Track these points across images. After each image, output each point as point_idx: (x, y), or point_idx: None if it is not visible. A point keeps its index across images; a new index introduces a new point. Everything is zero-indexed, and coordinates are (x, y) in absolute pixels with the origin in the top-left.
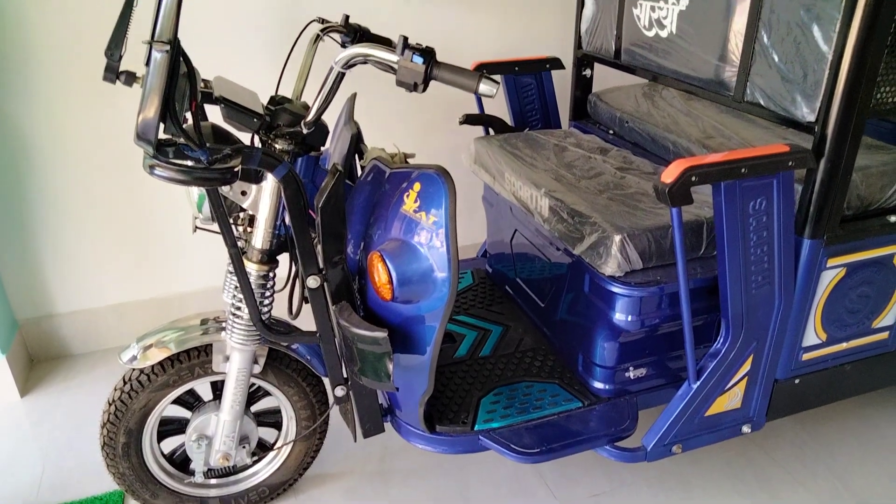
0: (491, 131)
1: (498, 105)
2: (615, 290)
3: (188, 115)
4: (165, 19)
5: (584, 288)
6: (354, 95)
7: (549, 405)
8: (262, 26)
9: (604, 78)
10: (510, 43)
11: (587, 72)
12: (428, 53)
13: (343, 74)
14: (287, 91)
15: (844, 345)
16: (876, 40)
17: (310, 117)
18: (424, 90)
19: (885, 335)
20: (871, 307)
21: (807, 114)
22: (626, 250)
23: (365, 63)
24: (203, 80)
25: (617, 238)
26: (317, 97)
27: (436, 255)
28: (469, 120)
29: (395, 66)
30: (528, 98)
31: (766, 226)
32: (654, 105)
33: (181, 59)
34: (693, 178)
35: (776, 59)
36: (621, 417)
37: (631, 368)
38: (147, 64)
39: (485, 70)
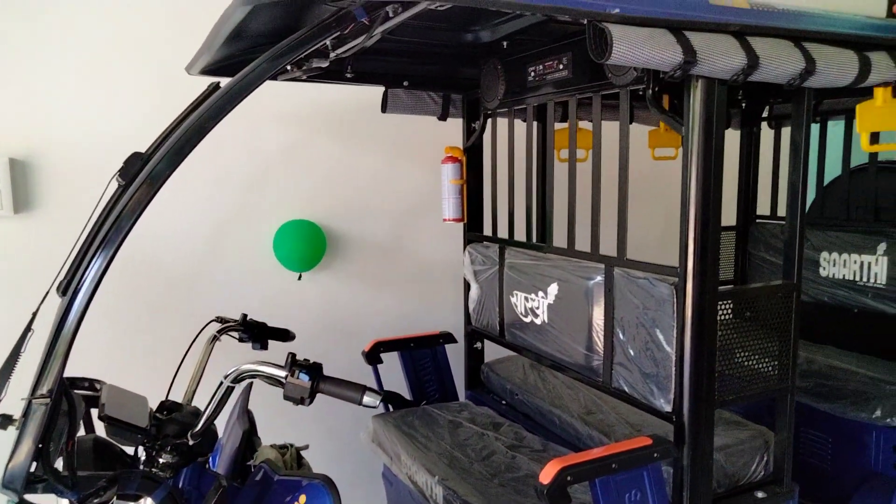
0: (390, 407)
1: (398, 378)
2: None
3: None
4: (49, 371)
5: None
6: (250, 386)
7: None
8: (159, 323)
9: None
10: (408, 316)
11: (478, 345)
12: (314, 369)
13: (232, 388)
14: (181, 390)
15: None
16: (707, 344)
17: (197, 428)
18: (311, 403)
19: None
20: None
21: (664, 405)
22: None
23: (254, 378)
24: (92, 381)
25: None
26: (206, 409)
27: None
28: None
29: (283, 382)
30: (424, 371)
31: None
32: (539, 377)
33: (63, 397)
34: (568, 479)
35: (632, 353)
36: None
37: None
38: (24, 416)
39: (382, 347)
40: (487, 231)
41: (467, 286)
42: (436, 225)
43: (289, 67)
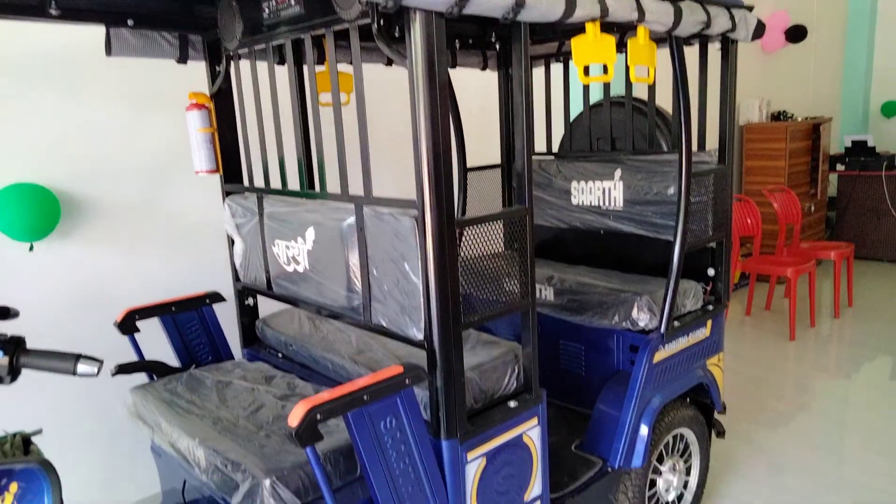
0: (155, 377)
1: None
2: None
3: None
4: None
5: None
6: None
7: None
8: None
9: None
10: (175, 279)
11: (250, 300)
12: (12, 343)
13: None
14: None
15: None
16: (450, 271)
17: None
18: (13, 382)
19: None
20: (518, 484)
21: (416, 333)
22: (278, 493)
23: None
24: None
25: (266, 482)
26: None
27: None
28: (123, 370)
29: None
30: (192, 334)
31: (402, 440)
32: (314, 325)
33: None
34: (318, 416)
35: (386, 288)
36: None
37: None
38: None
39: (137, 315)
40: (247, 182)
41: (231, 241)
42: (195, 179)
43: None
